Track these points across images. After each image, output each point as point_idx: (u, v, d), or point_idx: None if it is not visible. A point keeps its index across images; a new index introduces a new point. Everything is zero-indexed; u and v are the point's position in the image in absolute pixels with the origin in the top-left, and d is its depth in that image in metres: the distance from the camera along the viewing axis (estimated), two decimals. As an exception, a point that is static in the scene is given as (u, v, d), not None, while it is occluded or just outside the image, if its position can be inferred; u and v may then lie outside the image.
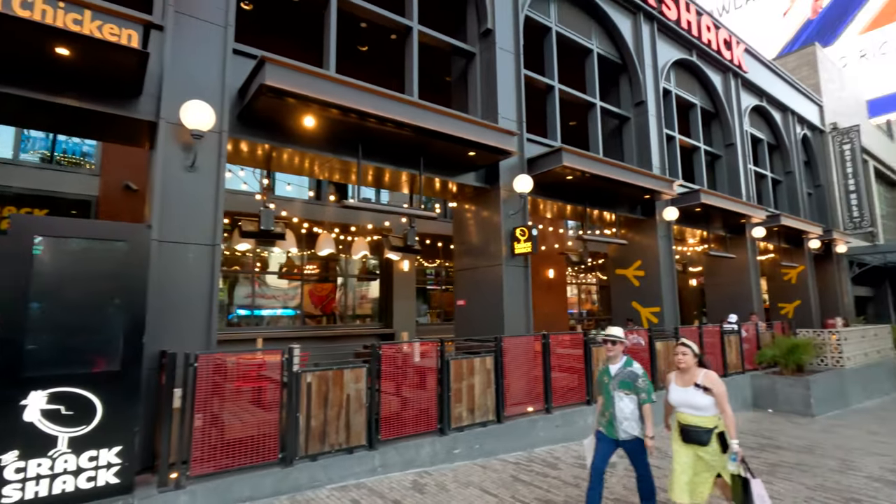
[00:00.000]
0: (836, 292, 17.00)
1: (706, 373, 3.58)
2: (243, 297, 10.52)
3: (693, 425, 3.52)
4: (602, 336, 4.01)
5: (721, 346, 9.87)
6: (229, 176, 9.54)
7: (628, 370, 3.86)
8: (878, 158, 22.22)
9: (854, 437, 7.63)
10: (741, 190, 13.11)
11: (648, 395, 3.77)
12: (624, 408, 3.78)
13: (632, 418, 3.75)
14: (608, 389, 3.89)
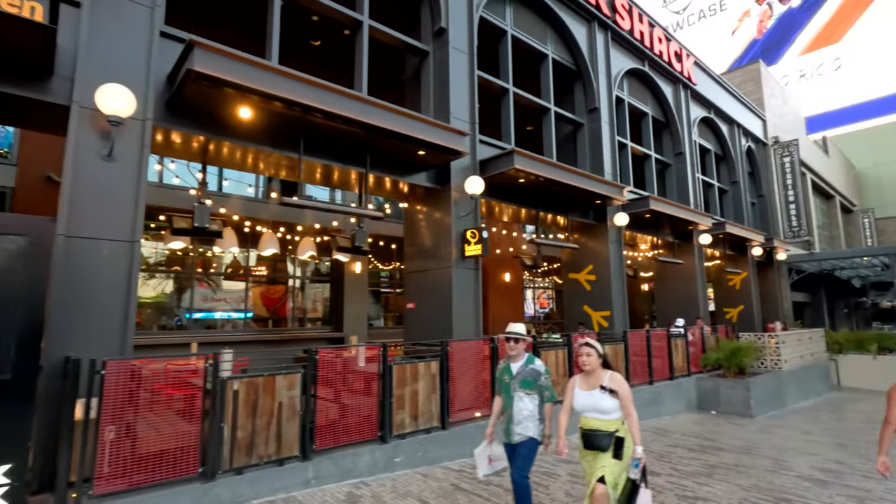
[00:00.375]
0: (777, 298, 17.84)
1: (612, 374, 3.44)
2: (195, 299, 9.99)
3: (595, 429, 3.35)
4: (502, 335, 3.82)
5: (668, 349, 10.09)
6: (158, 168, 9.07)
7: (530, 368, 3.72)
8: (816, 172, 23.58)
9: (789, 437, 7.92)
10: (689, 198, 13.54)
11: (552, 392, 3.68)
12: (523, 408, 3.62)
13: (529, 419, 3.62)
14: (509, 389, 3.74)
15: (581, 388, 3.50)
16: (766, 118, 19.22)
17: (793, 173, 18.62)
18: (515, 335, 3.74)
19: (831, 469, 6.05)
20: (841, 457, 6.72)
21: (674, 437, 7.62)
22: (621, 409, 3.35)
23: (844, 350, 15.62)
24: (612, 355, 8.55)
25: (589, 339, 3.54)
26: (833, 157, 28.50)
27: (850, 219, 30.31)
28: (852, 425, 9.31)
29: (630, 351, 9.07)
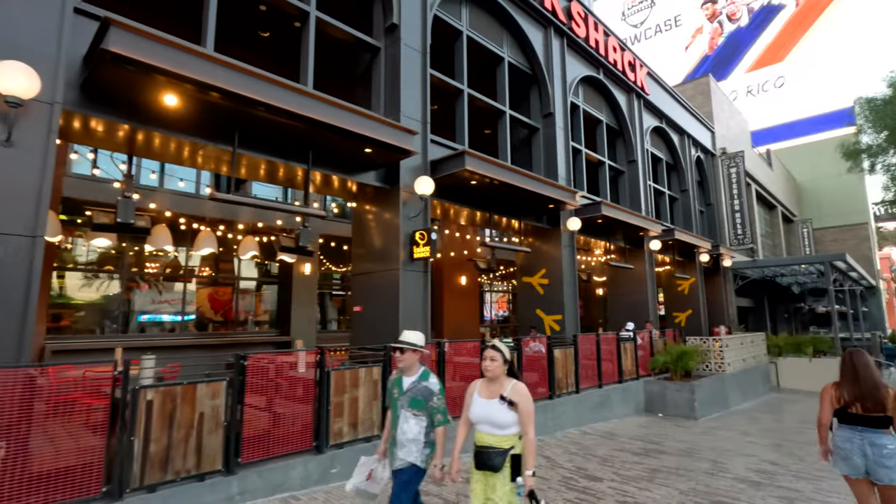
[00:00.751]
0: (723, 303, 18.54)
1: (515, 384, 2.99)
2: (139, 301, 9.38)
3: (488, 446, 2.88)
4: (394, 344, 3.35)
5: (617, 353, 10.21)
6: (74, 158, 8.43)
7: (423, 385, 3.20)
8: (760, 183, 24.76)
9: (729, 439, 8.12)
10: (641, 205, 13.85)
11: (444, 415, 3.14)
12: (407, 430, 3.13)
13: (413, 442, 3.13)
14: (396, 405, 3.25)
15: (480, 396, 3.04)
16: (714, 130, 20.01)
17: (738, 183, 19.44)
18: (402, 345, 3.24)
19: (766, 470, 6.19)
20: (776, 457, 6.92)
21: (620, 441, 7.66)
22: (518, 424, 2.89)
23: (783, 353, 16.38)
24: (561, 361, 8.56)
25: (496, 341, 3.07)
26: (776, 170, 30.05)
27: (791, 228, 32.03)
28: (788, 426, 9.68)
29: (580, 355, 9.11)
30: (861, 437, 3.41)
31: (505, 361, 3.01)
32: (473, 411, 3.01)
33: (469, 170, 7.39)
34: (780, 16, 37.76)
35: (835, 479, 5.83)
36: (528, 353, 8.40)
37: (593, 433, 8.20)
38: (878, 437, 3.36)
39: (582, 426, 8.63)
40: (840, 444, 3.53)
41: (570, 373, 8.83)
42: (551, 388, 8.30)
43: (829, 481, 5.76)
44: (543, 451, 6.84)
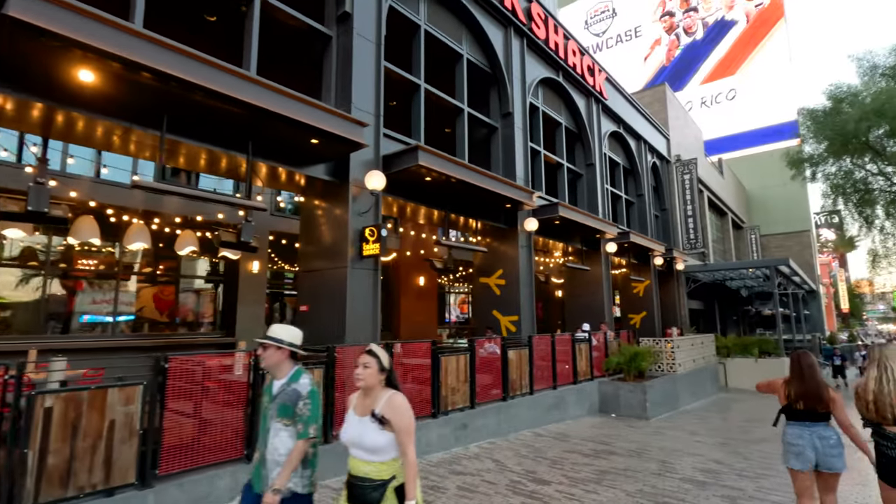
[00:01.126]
0: (676, 305, 19.05)
1: (390, 396, 2.45)
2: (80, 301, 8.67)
3: (361, 477, 2.36)
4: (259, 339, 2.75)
5: (573, 354, 10.21)
6: None
7: (293, 387, 2.59)
8: (712, 190, 25.69)
9: (677, 439, 8.21)
10: (598, 208, 14.01)
11: (307, 426, 2.50)
12: (279, 445, 2.52)
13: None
14: (266, 416, 2.65)
15: (354, 412, 2.50)
16: (669, 137, 20.59)
17: (691, 190, 20.06)
18: (266, 340, 2.66)
19: (711, 469, 6.24)
20: (721, 456, 7.01)
21: (572, 442, 7.61)
22: (397, 446, 2.37)
23: (732, 354, 16.97)
24: (516, 362, 8.46)
25: (373, 346, 2.58)
26: (727, 178, 31.32)
27: (740, 234, 33.45)
28: (734, 425, 9.92)
29: (535, 356, 9.04)
30: (810, 431, 3.63)
31: (382, 369, 2.49)
32: (344, 432, 2.48)
33: (422, 165, 7.18)
34: (733, 31, 39.48)
35: (775, 477, 5.93)
36: (483, 355, 8.26)
37: (546, 434, 8.12)
38: (824, 429, 3.62)
39: (536, 427, 8.55)
40: (792, 441, 3.69)
41: (525, 374, 8.74)
42: (505, 389, 8.18)
43: (771, 479, 5.85)
44: (494, 455, 6.68)
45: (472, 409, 7.39)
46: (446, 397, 7.00)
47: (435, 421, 6.72)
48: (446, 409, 6.97)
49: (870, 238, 12.31)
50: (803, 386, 3.69)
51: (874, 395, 3.27)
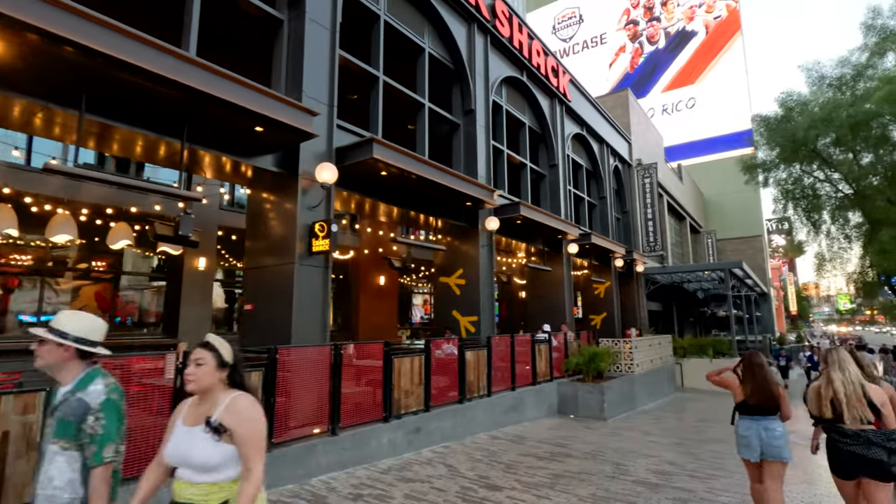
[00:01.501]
0: (635, 306, 19.38)
1: (235, 398, 1.96)
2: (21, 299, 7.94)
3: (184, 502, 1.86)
4: None
5: (532, 355, 10.12)
6: None
7: (77, 397, 1.95)
8: (671, 195, 26.38)
9: (633, 439, 8.20)
10: (561, 209, 14.05)
11: (100, 448, 1.90)
12: (55, 475, 1.89)
13: (58, 499, 1.88)
14: (45, 437, 2.04)
15: (184, 422, 1.99)
16: (631, 141, 20.96)
17: (651, 193, 20.48)
18: (44, 332, 1.99)
19: (664, 471, 6.21)
20: (674, 456, 7.02)
21: (528, 445, 7.47)
22: (239, 462, 1.89)
23: (688, 354, 17.36)
24: (473, 363, 8.27)
25: (212, 336, 2.06)
26: (686, 184, 32.28)
27: (698, 238, 34.54)
28: (688, 424, 10.05)
29: (494, 357, 8.88)
30: (757, 424, 4.02)
31: (221, 365, 1.98)
32: (168, 448, 1.96)
33: (377, 159, 6.89)
34: (693, 42, 40.81)
35: (725, 478, 5.94)
36: (439, 356, 8.03)
37: (503, 437, 7.96)
38: (770, 422, 4.00)
39: (493, 430, 8.38)
40: (742, 433, 4.10)
41: (483, 375, 8.56)
42: (462, 391, 7.97)
43: (721, 479, 5.85)
44: (447, 459, 6.46)
45: (427, 412, 7.15)
46: (399, 400, 6.74)
47: (386, 425, 6.44)
48: (399, 412, 6.70)
49: (817, 242, 12.74)
50: (754, 383, 4.07)
51: (835, 394, 3.44)
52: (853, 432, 3.34)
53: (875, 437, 3.26)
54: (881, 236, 9.63)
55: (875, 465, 3.23)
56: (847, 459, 3.36)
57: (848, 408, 3.36)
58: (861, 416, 3.33)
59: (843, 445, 3.36)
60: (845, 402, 3.37)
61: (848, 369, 3.48)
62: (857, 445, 3.29)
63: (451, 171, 8.55)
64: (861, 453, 3.27)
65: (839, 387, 3.43)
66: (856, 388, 3.39)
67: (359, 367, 6.59)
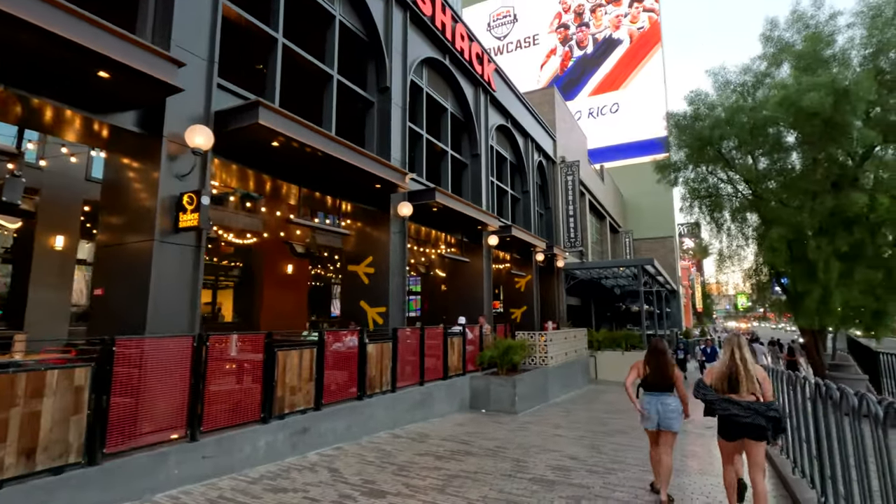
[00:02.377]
0: (555, 301, 19.67)
1: None
2: None
3: None
4: None
5: (444, 348, 9.68)
6: None
7: None
8: (593, 194, 27.24)
9: (540, 433, 7.98)
10: (482, 199, 13.76)
11: None
12: None
13: None
14: None
15: None
16: (556, 138, 21.25)
17: (574, 190, 20.88)
18: None
19: (564, 466, 5.96)
20: (577, 450, 6.83)
21: (429, 443, 6.99)
22: None
23: (602, 347, 17.85)
24: (376, 357, 7.66)
25: None
26: (607, 185, 33.60)
27: (617, 238, 36.15)
28: (596, 416, 10.07)
29: (401, 350, 8.34)
30: (656, 399, 4.72)
31: None
32: None
33: (263, 125, 6.05)
34: (619, 49, 42.63)
35: (623, 471, 5.78)
36: (339, 349, 7.35)
37: (405, 435, 7.43)
38: (666, 398, 4.70)
39: (396, 428, 7.83)
40: (644, 407, 4.79)
41: (387, 370, 7.97)
42: (361, 387, 7.34)
43: (618, 474, 5.68)
44: (335, 463, 5.80)
45: (318, 410, 6.45)
46: (283, 398, 5.98)
47: (265, 427, 5.67)
48: (282, 411, 5.95)
49: (718, 240, 13.40)
50: (655, 365, 4.78)
51: (736, 368, 3.99)
52: (746, 404, 3.87)
53: (759, 408, 3.83)
54: (771, 234, 10.16)
55: (757, 430, 3.84)
56: (736, 425, 3.91)
57: (745, 380, 3.93)
58: (750, 388, 3.92)
59: (736, 417, 3.88)
60: (744, 375, 3.94)
61: (745, 352, 4.06)
62: (746, 416, 3.84)
63: (356, 148, 7.85)
64: (748, 421, 3.83)
65: (739, 363, 3.99)
66: (748, 365, 3.99)
67: (234, 361, 5.75)
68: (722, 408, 3.93)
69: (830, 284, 9.98)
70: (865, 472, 3.28)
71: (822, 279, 9.82)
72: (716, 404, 3.97)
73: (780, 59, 11.98)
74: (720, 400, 3.96)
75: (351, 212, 9.71)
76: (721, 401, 3.96)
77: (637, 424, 6.25)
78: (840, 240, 9.56)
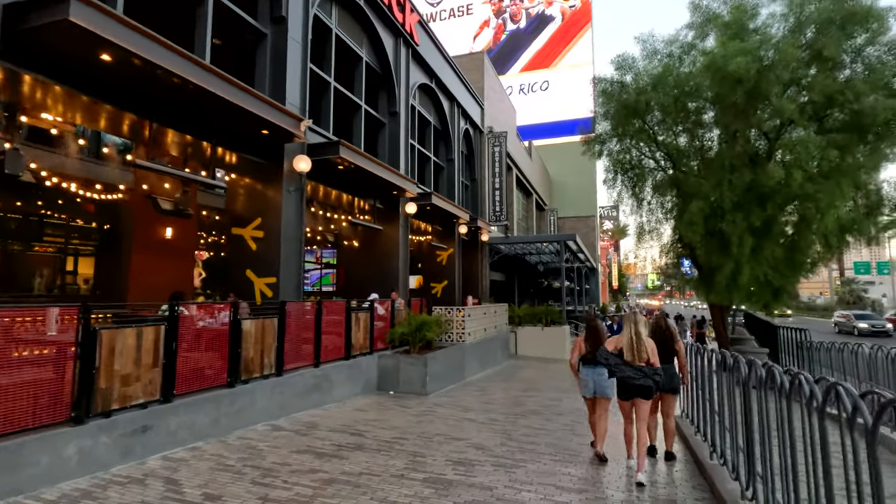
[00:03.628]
0: (478, 275, 19.07)
1: None
2: None
3: None
4: None
5: (347, 324, 8.54)
6: None
7: None
8: (521, 170, 26.88)
9: (446, 419, 7.15)
10: (400, 162, 12.56)
11: None
12: None
13: None
14: None
15: None
16: (484, 107, 20.36)
17: (501, 163, 20.21)
18: None
19: (467, 460, 5.13)
20: (486, 438, 6.06)
21: (315, 436, 5.90)
22: None
23: (523, 323, 17.56)
24: (255, 335, 6.37)
25: None
26: (535, 162, 33.53)
27: (543, 216, 36.47)
28: (511, 395, 9.48)
29: (292, 327, 7.11)
30: (593, 371, 5.22)
31: None
32: None
33: (76, 23, 4.44)
34: (551, 26, 42.43)
35: (533, 463, 5.06)
36: (203, 326, 5.99)
37: (289, 427, 6.29)
38: (601, 369, 5.03)
39: (282, 418, 6.66)
40: (583, 378, 5.33)
41: (270, 350, 6.72)
42: (233, 372, 6.07)
43: (528, 466, 4.94)
44: (179, 470, 4.55)
45: (166, 403, 5.12)
46: (109, 390, 4.59)
47: (78, 429, 4.28)
48: (108, 407, 4.57)
49: (639, 214, 13.25)
50: (593, 341, 5.29)
51: (633, 338, 4.65)
52: (638, 367, 4.57)
53: (647, 371, 4.56)
54: (691, 208, 9.97)
55: (645, 390, 4.57)
56: (630, 387, 4.62)
57: (637, 350, 4.61)
58: (641, 356, 4.59)
59: (629, 380, 4.58)
60: (637, 345, 4.62)
61: (640, 327, 4.69)
62: (637, 378, 4.54)
63: (235, 82, 6.35)
64: (639, 383, 4.54)
65: (634, 336, 4.64)
66: (641, 338, 4.65)
67: (29, 344, 4.26)
68: (619, 370, 4.63)
69: (742, 259, 9.99)
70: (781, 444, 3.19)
71: (735, 253, 9.81)
72: (614, 367, 4.67)
73: (706, 31, 11.75)
74: (618, 364, 4.65)
75: (237, 164, 8.17)
76: (619, 364, 4.65)
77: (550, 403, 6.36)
78: (754, 215, 9.54)
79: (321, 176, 9.60)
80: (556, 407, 8.29)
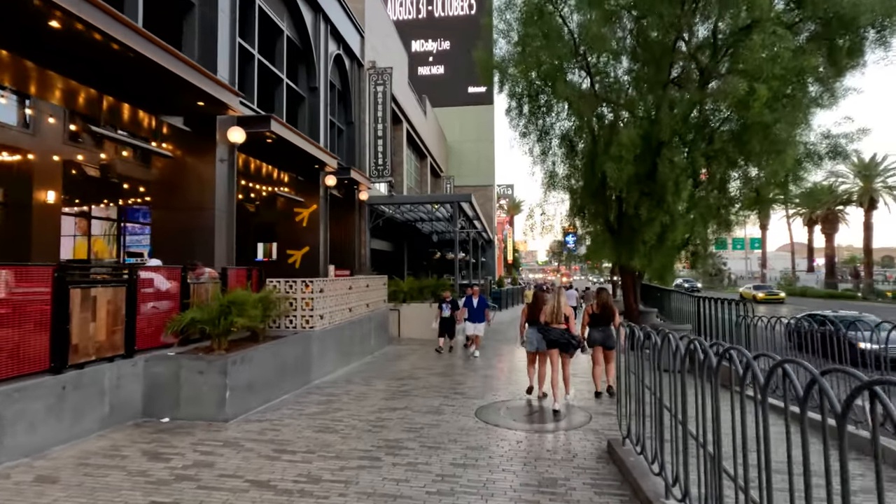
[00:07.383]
0: (355, 242, 15.56)
1: None
2: None
3: None
4: None
5: (58, 308, 4.65)
6: None
7: None
8: (412, 124, 23.49)
9: (226, 479, 3.71)
10: (217, 68, 8.48)
11: None
12: None
13: None
14: None
15: None
16: (365, 36, 16.52)
17: (384, 105, 16.61)
18: None
19: None
20: None
21: None
22: None
23: (408, 299, 14.49)
24: None
25: None
26: (430, 121, 30.32)
27: (438, 183, 33.65)
28: (375, 404, 6.27)
29: None
30: (536, 330, 6.72)
31: None
32: None
33: None
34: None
35: None
36: None
37: None
38: (545, 329, 6.55)
39: None
40: (530, 336, 6.83)
41: None
42: None
43: None
44: None
45: None
46: None
47: None
48: None
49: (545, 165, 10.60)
50: (536, 307, 6.77)
51: (555, 307, 6.56)
52: (554, 329, 6.47)
53: (563, 332, 6.46)
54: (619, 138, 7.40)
55: (562, 345, 6.45)
56: (551, 341, 6.44)
57: (557, 315, 6.50)
58: (559, 320, 6.49)
59: (548, 335, 6.46)
60: (556, 312, 6.51)
61: (562, 298, 6.68)
62: (556, 337, 6.43)
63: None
64: (556, 338, 6.42)
65: (556, 305, 6.55)
66: (561, 307, 6.55)
67: None
68: (545, 331, 6.51)
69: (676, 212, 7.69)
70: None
71: (670, 202, 7.46)
72: (541, 329, 6.56)
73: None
74: (544, 327, 6.53)
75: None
76: (544, 327, 6.53)
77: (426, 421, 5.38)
78: (697, 152, 7.23)
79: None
80: (434, 429, 5.27)
